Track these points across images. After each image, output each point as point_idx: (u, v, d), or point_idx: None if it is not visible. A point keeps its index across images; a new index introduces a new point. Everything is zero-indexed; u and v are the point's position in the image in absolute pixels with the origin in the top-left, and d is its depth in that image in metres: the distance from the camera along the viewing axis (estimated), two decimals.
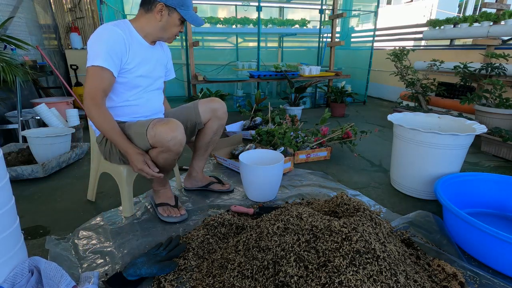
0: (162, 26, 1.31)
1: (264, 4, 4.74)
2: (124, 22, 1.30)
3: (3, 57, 2.26)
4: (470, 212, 1.48)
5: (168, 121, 1.24)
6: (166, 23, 1.30)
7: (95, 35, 1.22)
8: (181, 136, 1.25)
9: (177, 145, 1.25)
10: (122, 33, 1.23)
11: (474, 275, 1.07)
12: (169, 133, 1.21)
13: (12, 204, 0.96)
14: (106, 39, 1.20)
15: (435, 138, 1.49)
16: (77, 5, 4.25)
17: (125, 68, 1.28)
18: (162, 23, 1.30)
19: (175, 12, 1.28)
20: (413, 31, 4.80)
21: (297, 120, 2.70)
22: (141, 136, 1.25)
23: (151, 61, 1.37)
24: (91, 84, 1.21)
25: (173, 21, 1.30)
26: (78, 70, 4.17)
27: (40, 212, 1.51)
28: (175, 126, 1.23)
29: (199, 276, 1.04)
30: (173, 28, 1.33)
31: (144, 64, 1.33)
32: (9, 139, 2.67)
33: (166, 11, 1.27)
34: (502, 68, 2.71)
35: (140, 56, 1.31)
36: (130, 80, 1.31)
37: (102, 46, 1.19)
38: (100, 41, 1.20)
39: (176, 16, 1.29)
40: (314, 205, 1.42)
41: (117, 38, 1.22)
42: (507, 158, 2.25)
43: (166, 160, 1.30)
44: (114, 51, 1.21)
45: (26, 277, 0.94)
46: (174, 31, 1.34)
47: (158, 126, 1.22)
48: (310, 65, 4.07)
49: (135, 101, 1.35)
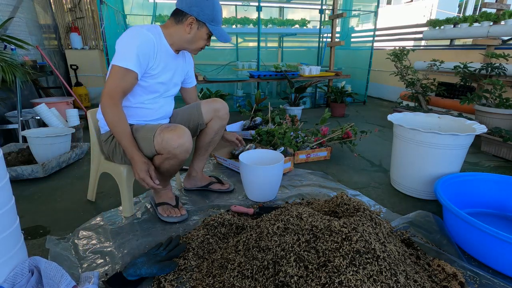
0: (190, 39, 1.32)
1: (264, 4, 4.74)
2: (156, 28, 1.30)
3: (3, 57, 2.26)
4: (470, 212, 1.48)
5: (175, 127, 1.24)
6: (194, 36, 1.31)
7: (128, 35, 1.22)
8: (188, 144, 1.26)
9: (184, 152, 1.26)
10: (154, 39, 1.24)
11: (474, 275, 1.07)
12: (176, 140, 1.21)
13: (12, 204, 0.96)
14: (139, 43, 1.20)
15: (435, 138, 1.49)
16: (77, 5, 4.25)
17: (149, 73, 1.29)
18: (191, 35, 1.31)
19: (204, 26, 1.30)
20: (413, 31, 4.80)
21: (297, 120, 2.70)
22: (147, 141, 1.25)
23: (172, 69, 1.39)
24: (113, 83, 1.20)
25: (201, 35, 1.32)
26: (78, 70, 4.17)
27: (40, 212, 1.51)
28: (182, 133, 1.23)
29: (199, 276, 1.04)
30: (200, 42, 1.34)
31: (166, 72, 1.35)
32: (9, 139, 2.67)
33: (196, 24, 1.29)
34: (502, 68, 2.71)
35: (164, 63, 1.33)
36: (151, 85, 1.32)
37: (133, 48, 1.19)
38: (132, 43, 1.20)
39: (205, 30, 1.31)
40: (314, 205, 1.42)
41: (149, 43, 1.23)
42: (507, 158, 2.25)
43: (171, 166, 1.31)
44: (144, 55, 1.22)
45: (26, 277, 0.94)
46: (201, 44, 1.35)
47: (165, 132, 1.22)
48: (310, 65, 4.07)
49: (149, 105, 1.37)
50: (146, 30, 1.23)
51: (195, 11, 1.26)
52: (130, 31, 1.23)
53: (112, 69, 1.20)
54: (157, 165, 1.32)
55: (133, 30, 1.23)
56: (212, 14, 1.28)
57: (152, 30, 1.27)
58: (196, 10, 1.25)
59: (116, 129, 1.21)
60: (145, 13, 4.62)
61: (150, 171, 1.24)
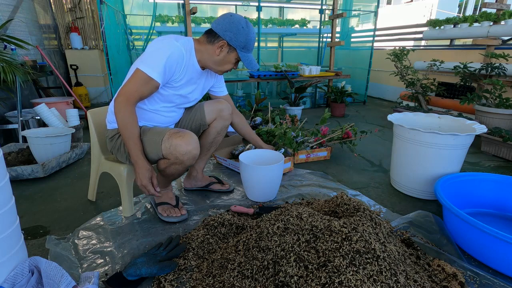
0: (218, 61, 1.32)
1: (264, 4, 4.73)
2: (189, 42, 1.31)
3: (3, 57, 2.26)
4: (470, 212, 1.48)
5: (184, 134, 1.24)
6: (223, 59, 1.32)
7: (162, 43, 1.22)
8: (196, 151, 1.26)
9: (191, 159, 1.27)
10: (185, 55, 1.25)
11: (474, 275, 1.07)
12: (184, 147, 1.22)
13: (12, 204, 0.96)
14: (170, 54, 1.20)
15: (435, 138, 1.49)
16: (77, 5, 4.26)
17: (171, 84, 1.29)
18: (220, 58, 1.31)
19: (234, 51, 1.31)
20: (413, 31, 4.80)
21: (297, 120, 2.70)
22: (155, 145, 1.25)
23: (195, 85, 1.40)
24: (133, 86, 1.20)
25: (230, 59, 1.33)
26: (78, 70, 4.17)
27: (40, 212, 1.51)
28: (191, 140, 1.24)
29: (199, 276, 1.04)
30: (227, 65, 1.35)
31: (188, 86, 1.36)
32: (9, 139, 2.67)
33: (226, 48, 1.29)
34: (502, 68, 2.71)
35: (188, 78, 1.33)
36: (170, 95, 1.33)
37: (163, 58, 1.19)
38: (163, 52, 1.20)
39: (234, 55, 1.32)
40: (314, 205, 1.42)
41: (179, 58, 1.23)
42: (507, 158, 2.25)
43: (176, 170, 1.32)
44: (170, 68, 1.22)
45: (26, 277, 0.94)
46: (228, 68, 1.36)
47: (174, 138, 1.22)
48: (310, 65, 4.07)
49: (163, 113, 1.37)
50: (181, 45, 1.24)
51: (228, 36, 1.26)
52: (165, 39, 1.24)
53: (136, 72, 1.20)
54: (162, 169, 1.32)
55: (168, 39, 1.24)
56: (245, 42, 1.29)
57: (186, 44, 1.27)
58: (229, 35, 1.26)
59: (125, 130, 1.21)
60: (145, 13, 4.62)
61: (153, 179, 1.24)
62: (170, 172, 1.32)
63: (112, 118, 1.35)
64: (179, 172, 1.35)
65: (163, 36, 1.26)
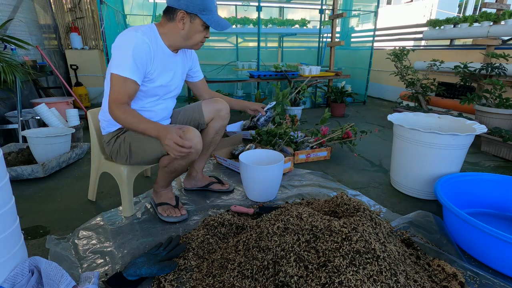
0: (185, 35, 1.27)
1: (264, 4, 4.74)
2: (151, 29, 1.26)
3: (3, 57, 2.26)
4: (470, 212, 1.48)
5: (187, 129, 1.24)
6: (188, 31, 1.26)
7: (122, 39, 1.18)
8: (200, 145, 1.26)
9: (194, 154, 1.26)
10: (149, 43, 1.21)
11: (474, 275, 1.07)
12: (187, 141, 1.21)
13: (12, 204, 0.96)
14: (133, 48, 1.16)
15: (435, 138, 1.49)
16: (77, 5, 4.25)
17: (148, 77, 1.27)
18: (185, 31, 1.26)
19: (197, 18, 1.24)
20: (413, 31, 4.80)
21: (297, 120, 2.70)
22: (157, 142, 1.24)
23: (171, 70, 1.36)
24: (116, 91, 1.19)
25: (195, 28, 1.26)
26: (78, 70, 4.17)
27: (40, 212, 1.51)
28: (193, 134, 1.23)
29: (199, 276, 1.04)
30: (196, 36, 1.28)
31: (164, 74, 1.32)
32: (9, 139, 2.67)
33: (187, 18, 1.23)
34: (502, 68, 2.71)
35: (162, 65, 1.30)
36: (150, 90, 1.31)
37: (129, 55, 1.16)
38: (127, 49, 1.16)
39: (199, 22, 1.24)
40: (314, 205, 1.42)
41: (144, 48, 1.20)
42: (507, 158, 2.25)
43: (179, 165, 1.31)
44: (141, 61, 1.20)
45: (26, 277, 0.94)
46: (198, 38, 1.29)
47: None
48: (310, 65, 4.07)
49: (150, 108, 1.36)
50: (140, 34, 1.19)
51: (183, 3, 1.20)
52: (124, 35, 1.19)
53: (112, 78, 1.19)
54: (165, 165, 1.32)
55: (127, 34, 1.19)
56: (202, 4, 1.21)
57: (147, 32, 1.22)
58: (184, 2, 1.20)
59: (137, 126, 1.19)
60: (145, 13, 4.62)
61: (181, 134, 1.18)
62: (173, 167, 1.32)
63: (103, 124, 1.36)
64: (182, 167, 1.34)
65: (123, 33, 1.20)
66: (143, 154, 1.31)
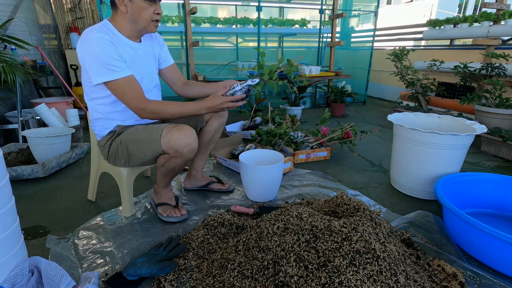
0: (131, 17, 1.21)
1: (264, 4, 4.74)
2: (105, 25, 1.22)
3: (3, 57, 2.26)
4: (470, 212, 1.48)
5: (182, 127, 1.24)
6: (132, 11, 1.19)
7: (86, 46, 1.15)
8: (195, 144, 1.26)
9: (191, 152, 1.26)
10: (108, 38, 1.17)
11: (474, 275, 1.07)
12: (183, 140, 1.22)
13: (12, 204, 0.96)
14: (102, 46, 1.14)
15: (435, 138, 1.49)
16: (77, 5, 4.25)
17: None
18: (130, 13, 1.20)
19: None
20: (413, 31, 4.80)
21: (297, 120, 2.70)
22: (153, 142, 1.24)
23: (139, 60, 1.32)
24: (129, 95, 1.20)
25: (137, 4, 1.19)
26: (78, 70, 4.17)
27: (40, 212, 1.51)
28: (189, 133, 1.24)
29: (199, 276, 1.04)
30: (143, 14, 1.20)
31: (133, 66, 1.27)
32: (9, 139, 2.67)
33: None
34: (502, 68, 2.71)
35: (130, 59, 1.26)
36: None
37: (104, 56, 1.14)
38: (97, 53, 1.14)
39: None
40: (314, 205, 1.42)
41: (108, 43, 1.17)
42: (507, 158, 2.25)
43: (176, 164, 1.31)
44: (117, 55, 1.18)
45: (26, 277, 0.94)
46: (146, 16, 1.21)
47: (173, 132, 1.22)
48: (310, 65, 4.07)
49: None
50: (97, 33, 1.15)
51: None
52: (84, 42, 1.16)
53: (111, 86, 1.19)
54: (162, 164, 1.32)
55: (87, 38, 1.15)
56: None
57: (102, 29, 1.19)
58: None
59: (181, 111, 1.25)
60: None
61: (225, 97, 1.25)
62: (170, 166, 1.32)
63: (98, 129, 1.35)
64: (179, 166, 1.33)
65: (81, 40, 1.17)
66: (141, 155, 1.30)
